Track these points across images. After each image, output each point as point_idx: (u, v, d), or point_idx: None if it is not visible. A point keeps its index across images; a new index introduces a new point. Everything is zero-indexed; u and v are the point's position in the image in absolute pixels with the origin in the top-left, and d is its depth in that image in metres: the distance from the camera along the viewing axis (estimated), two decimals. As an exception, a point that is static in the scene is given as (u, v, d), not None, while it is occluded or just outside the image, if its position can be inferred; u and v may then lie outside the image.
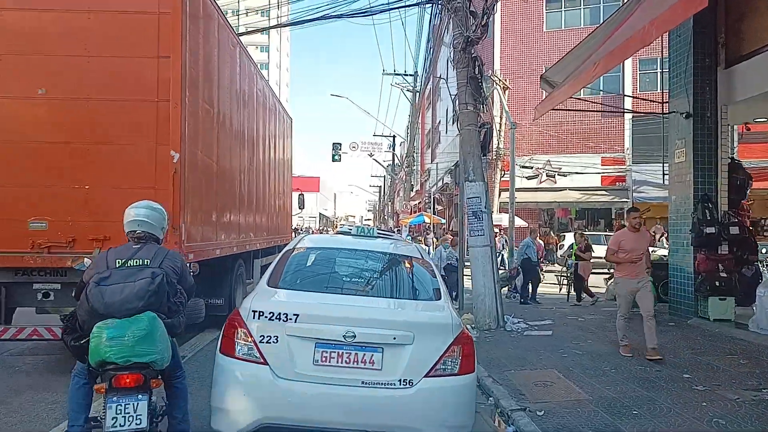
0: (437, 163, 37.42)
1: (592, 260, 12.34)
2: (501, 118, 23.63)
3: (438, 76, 28.09)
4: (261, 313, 3.43)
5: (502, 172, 24.33)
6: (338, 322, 3.39)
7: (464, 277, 10.53)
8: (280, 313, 3.41)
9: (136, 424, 3.11)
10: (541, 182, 25.37)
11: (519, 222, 22.86)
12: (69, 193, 5.44)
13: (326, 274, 4.37)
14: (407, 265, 4.46)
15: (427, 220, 25.83)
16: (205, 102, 6.67)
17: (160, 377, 3.41)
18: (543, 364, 6.49)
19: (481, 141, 8.97)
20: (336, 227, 65.86)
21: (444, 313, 3.71)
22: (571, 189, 24.81)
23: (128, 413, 3.13)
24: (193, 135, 6.16)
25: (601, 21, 13.98)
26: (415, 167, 34.44)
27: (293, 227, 16.36)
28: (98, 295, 3.20)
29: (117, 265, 3.36)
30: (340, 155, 30.72)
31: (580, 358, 6.72)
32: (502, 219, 22.54)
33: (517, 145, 25.84)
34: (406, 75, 29.55)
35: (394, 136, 46.49)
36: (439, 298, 3.99)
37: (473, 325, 8.58)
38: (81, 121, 5.68)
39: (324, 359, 3.36)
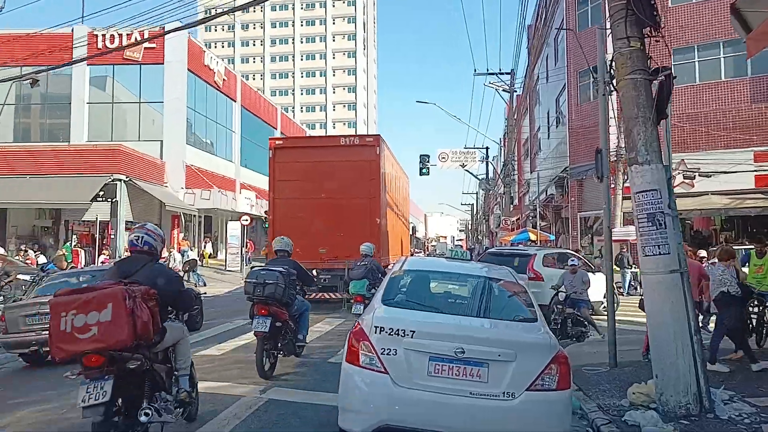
0: (538, 173, 33.37)
1: None
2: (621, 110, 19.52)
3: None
4: (382, 329, 4.03)
5: (625, 176, 20.10)
6: (449, 339, 3.94)
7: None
8: (398, 329, 4.00)
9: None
10: (675, 186, 20.85)
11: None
12: (334, 237, 13.24)
13: (431, 294, 5.06)
14: (502, 287, 4.93)
15: (532, 236, 22.06)
16: (388, 195, 14.97)
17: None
18: None
19: (655, 98, 5.48)
20: (427, 248, 63.16)
21: (542, 335, 4.17)
22: (714, 193, 20.09)
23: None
24: (383, 211, 14.07)
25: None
26: (513, 178, 30.69)
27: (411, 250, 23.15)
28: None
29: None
30: (428, 168, 27.70)
31: None
32: (629, 232, 18.34)
33: (642, 143, 21.62)
34: (501, 74, 26.12)
35: (487, 148, 42.90)
36: (536, 320, 4.42)
37: (655, 405, 5.08)
38: (339, 208, 13.55)
39: (437, 371, 3.91)
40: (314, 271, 12.21)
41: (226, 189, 32.53)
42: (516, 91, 26.82)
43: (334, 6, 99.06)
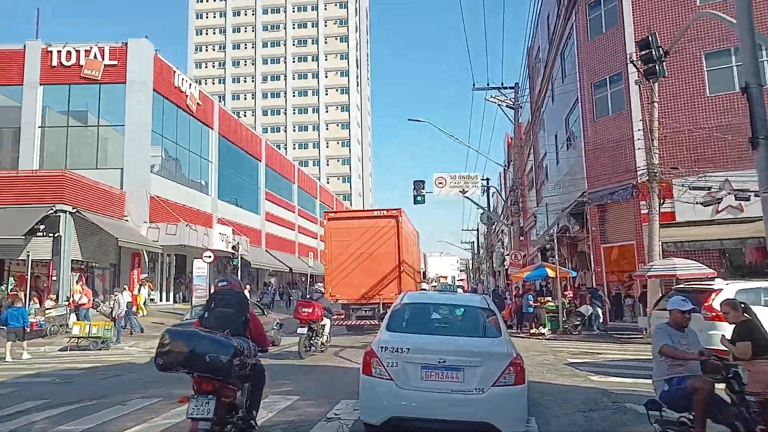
0: (546, 204, 29.95)
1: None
2: (652, 117, 16.16)
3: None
4: (387, 348, 5.45)
5: (662, 200, 16.66)
6: (435, 353, 5.32)
7: None
8: (399, 347, 5.41)
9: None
10: (718, 211, 17.38)
11: (694, 267, 14.96)
12: (372, 281, 18.35)
13: (424, 320, 6.48)
14: (477, 311, 6.50)
15: (550, 273, 18.40)
16: (406, 250, 19.47)
17: None
18: None
19: None
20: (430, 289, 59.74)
21: (503, 347, 5.55)
22: (769, 218, 16.55)
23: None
24: (402, 261, 18.82)
25: None
26: (521, 206, 27.24)
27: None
28: None
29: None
30: (423, 196, 24.18)
31: None
32: (675, 265, 14.72)
33: (679, 159, 18.17)
34: (504, 88, 22.97)
35: (487, 179, 39.69)
36: (501, 336, 5.83)
37: None
38: (373, 260, 18.45)
39: (427, 376, 5.28)
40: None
41: (200, 224, 28.95)
42: (521, 106, 23.63)
43: (326, 43, 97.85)
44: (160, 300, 28.01)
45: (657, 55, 10.53)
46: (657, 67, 10.65)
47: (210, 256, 21.24)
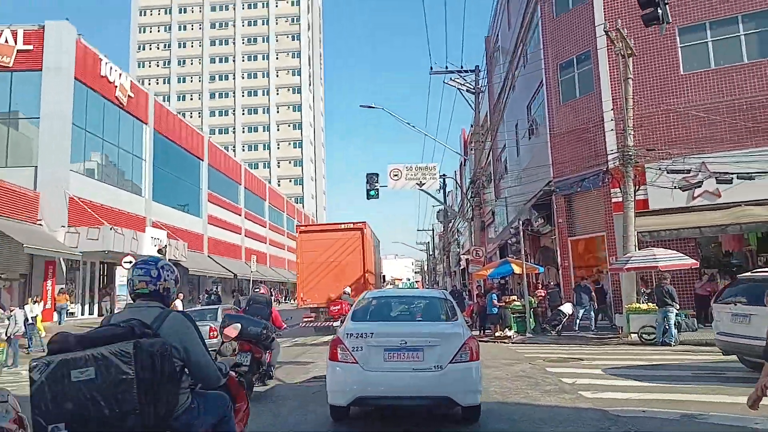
0: (506, 198, 28.40)
1: None
2: (627, 95, 14.62)
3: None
4: (351, 334, 5.91)
5: (637, 187, 15.13)
6: (396, 336, 5.83)
7: None
8: (363, 333, 5.89)
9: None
10: (694, 197, 15.99)
11: (675, 258, 13.46)
12: (337, 286, 19.17)
13: (385, 311, 7.05)
14: (434, 301, 7.15)
15: (516, 269, 16.63)
16: (368, 258, 20.88)
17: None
18: None
19: None
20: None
21: (458, 328, 6.15)
22: (748, 203, 15.30)
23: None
24: (366, 268, 20.33)
25: None
26: (484, 198, 25.51)
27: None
28: None
29: None
30: (377, 190, 22.13)
31: None
32: (656, 256, 13.15)
33: (654, 140, 16.74)
34: (463, 71, 21.17)
35: (444, 175, 38.02)
36: (456, 319, 6.50)
37: None
38: (340, 267, 19.98)
39: (390, 357, 5.73)
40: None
41: (131, 228, 26.05)
42: (483, 91, 21.91)
43: (277, 41, 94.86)
44: (82, 314, 24.91)
45: (661, -5, 8.78)
46: (659, 11, 8.91)
47: (130, 262, 18.57)
